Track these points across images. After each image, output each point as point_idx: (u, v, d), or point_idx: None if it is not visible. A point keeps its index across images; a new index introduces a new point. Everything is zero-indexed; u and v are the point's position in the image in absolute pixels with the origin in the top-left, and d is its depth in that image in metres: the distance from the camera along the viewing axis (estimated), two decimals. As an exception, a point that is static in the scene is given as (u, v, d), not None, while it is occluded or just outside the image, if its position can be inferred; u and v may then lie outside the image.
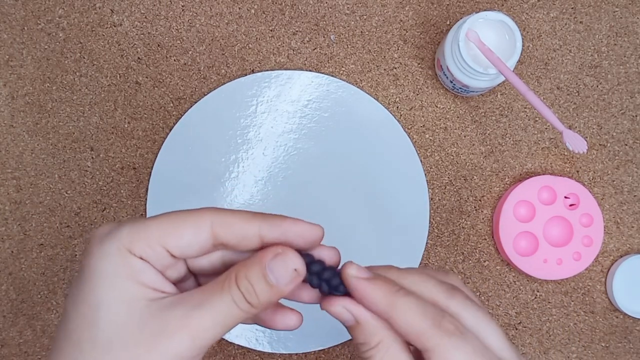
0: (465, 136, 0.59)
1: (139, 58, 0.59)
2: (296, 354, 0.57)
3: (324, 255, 0.35)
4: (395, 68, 0.59)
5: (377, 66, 0.59)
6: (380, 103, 0.59)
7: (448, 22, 0.60)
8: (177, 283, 0.35)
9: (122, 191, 0.58)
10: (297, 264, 0.32)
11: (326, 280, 0.34)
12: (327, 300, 0.34)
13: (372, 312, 0.34)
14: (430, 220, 0.59)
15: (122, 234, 0.33)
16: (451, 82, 0.55)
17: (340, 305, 0.34)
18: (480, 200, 0.59)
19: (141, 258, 0.33)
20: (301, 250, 0.34)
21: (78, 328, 0.32)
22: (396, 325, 0.33)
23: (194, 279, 0.36)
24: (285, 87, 0.59)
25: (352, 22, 0.59)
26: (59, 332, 0.33)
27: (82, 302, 0.33)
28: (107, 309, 0.32)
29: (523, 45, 0.56)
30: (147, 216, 0.57)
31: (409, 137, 0.59)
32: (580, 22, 0.60)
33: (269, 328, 0.37)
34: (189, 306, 0.32)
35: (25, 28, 0.59)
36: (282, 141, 0.58)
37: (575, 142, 0.50)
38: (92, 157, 0.58)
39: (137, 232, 0.33)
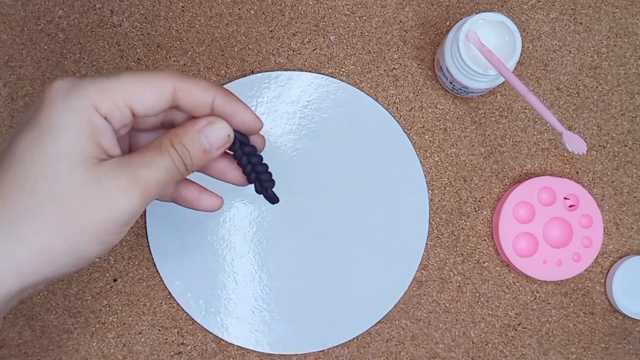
0: (464, 137, 0.59)
1: (138, 59, 0.59)
2: (296, 355, 0.57)
3: (255, 141, 0.40)
4: (395, 69, 0.59)
5: (376, 67, 0.59)
6: (380, 104, 0.59)
7: (448, 23, 0.60)
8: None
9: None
10: (229, 131, 0.37)
11: (254, 163, 0.39)
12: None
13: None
14: (429, 221, 0.59)
15: (88, 90, 0.33)
16: (451, 83, 0.55)
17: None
18: (479, 201, 0.59)
19: (105, 118, 0.34)
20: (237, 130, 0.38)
21: (34, 177, 0.33)
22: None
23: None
24: (285, 88, 0.59)
25: (352, 23, 0.59)
26: (1, 174, 0.33)
27: (40, 152, 0.33)
28: (68, 163, 0.33)
29: (523, 46, 0.56)
30: (147, 217, 0.57)
31: (409, 138, 0.59)
32: (580, 23, 0.60)
33: (194, 209, 0.41)
34: (135, 167, 0.34)
35: (25, 29, 0.59)
36: (281, 142, 0.58)
37: (575, 143, 0.50)
38: (92, 158, 0.58)
39: (105, 90, 0.34)
